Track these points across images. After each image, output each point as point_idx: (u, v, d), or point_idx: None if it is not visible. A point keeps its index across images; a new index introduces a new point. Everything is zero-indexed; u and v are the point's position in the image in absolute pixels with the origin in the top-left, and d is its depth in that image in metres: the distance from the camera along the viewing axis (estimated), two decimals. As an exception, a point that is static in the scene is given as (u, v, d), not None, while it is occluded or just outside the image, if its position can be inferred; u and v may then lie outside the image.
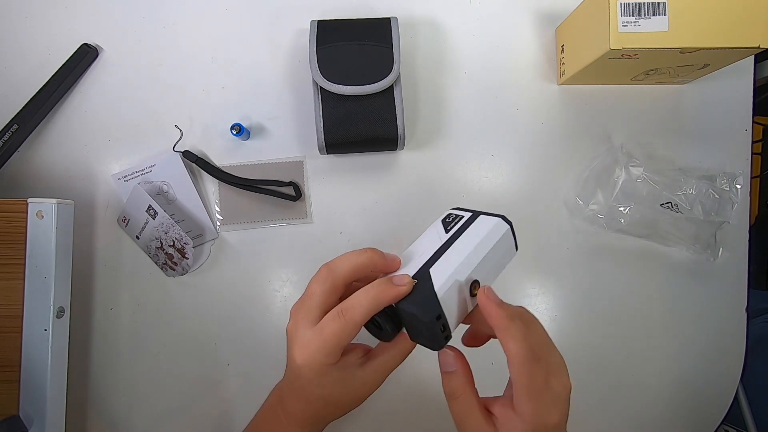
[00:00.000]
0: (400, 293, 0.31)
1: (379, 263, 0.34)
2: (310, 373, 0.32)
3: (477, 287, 0.34)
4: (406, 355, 0.36)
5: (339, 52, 0.52)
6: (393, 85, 0.52)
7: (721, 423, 0.58)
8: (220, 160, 0.57)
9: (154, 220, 0.54)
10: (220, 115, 0.57)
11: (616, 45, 0.46)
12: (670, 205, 0.55)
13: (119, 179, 0.56)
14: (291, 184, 0.57)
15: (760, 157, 0.97)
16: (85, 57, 0.56)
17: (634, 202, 0.55)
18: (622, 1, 0.46)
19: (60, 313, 0.50)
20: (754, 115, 0.59)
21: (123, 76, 0.57)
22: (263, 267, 0.57)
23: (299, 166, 0.57)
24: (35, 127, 0.55)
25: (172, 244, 0.54)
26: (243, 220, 0.57)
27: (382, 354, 0.35)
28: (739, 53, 0.48)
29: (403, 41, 0.56)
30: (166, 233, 0.54)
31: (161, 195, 0.56)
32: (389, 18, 0.54)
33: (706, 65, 0.51)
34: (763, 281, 0.94)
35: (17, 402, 0.48)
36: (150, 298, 0.57)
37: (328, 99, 0.52)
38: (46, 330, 0.49)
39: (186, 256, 0.54)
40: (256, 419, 0.41)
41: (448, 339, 0.33)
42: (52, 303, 0.49)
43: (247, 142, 0.57)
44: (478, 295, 0.33)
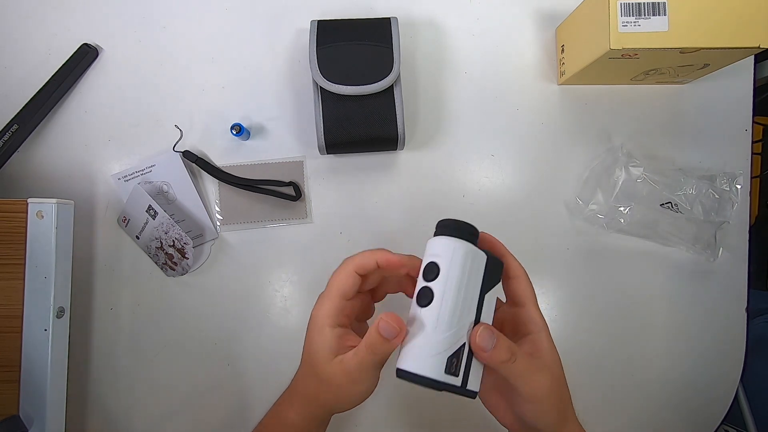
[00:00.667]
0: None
1: (394, 260, 0.37)
2: (311, 325, 0.38)
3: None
4: (377, 355, 0.35)
5: (339, 52, 0.52)
6: (393, 85, 0.52)
7: (721, 423, 0.58)
8: (220, 160, 0.57)
9: (154, 220, 0.54)
10: (220, 115, 0.57)
11: (616, 45, 0.46)
12: (670, 205, 0.55)
13: (119, 179, 0.56)
14: (291, 184, 0.57)
15: (760, 157, 0.97)
16: (85, 57, 0.56)
17: (634, 202, 0.55)
18: (622, 1, 0.46)
19: (60, 313, 0.50)
20: (754, 115, 0.59)
21: (123, 76, 0.57)
22: (263, 267, 0.57)
23: (299, 166, 0.57)
24: (35, 127, 0.55)
25: (172, 244, 0.54)
26: (243, 220, 0.57)
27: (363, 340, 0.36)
28: (739, 53, 0.48)
29: (403, 41, 0.56)
30: (166, 233, 0.54)
31: (161, 195, 0.56)
32: (389, 18, 0.54)
33: (706, 65, 0.51)
34: (763, 281, 0.94)
35: (17, 402, 0.48)
36: (150, 298, 0.57)
37: (328, 99, 0.52)
38: (46, 330, 0.49)
39: (186, 256, 0.54)
40: (275, 405, 0.42)
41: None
42: (52, 303, 0.49)
43: (247, 142, 0.57)
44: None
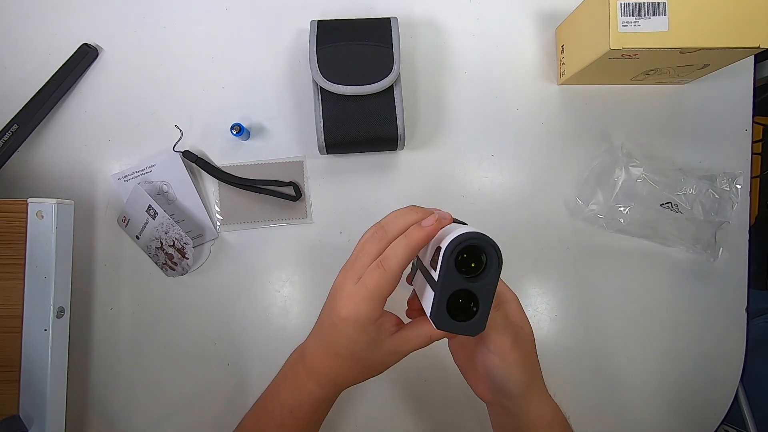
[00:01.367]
0: (429, 233, 0.33)
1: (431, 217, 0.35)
2: (350, 326, 0.34)
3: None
4: (432, 341, 0.37)
5: (339, 52, 0.52)
6: (393, 85, 0.52)
7: (721, 423, 0.58)
8: (220, 160, 0.57)
9: (154, 220, 0.54)
10: (220, 115, 0.57)
11: (616, 45, 0.46)
12: (670, 205, 0.55)
13: (119, 179, 0.56)
14: (291, 184, 0.57)
15: (760, 157, 0.97)
16: (85, 57, 0.56)
17: (634, 202, 0.55)
18: (622, 1, 0.46)
19: (60, 313, 0.50)
20: (754, 115, 0.59)
21: (123, 76, 0.57)
22: (263, 267, 0.57)
23: (299, 166, 0.57)
24: (35, 127, 0.55)
25: (172, 244, 0.54)
26: (243, 220, 0.57)
27: (411, 329, 0.37)
28: (739, 53, 0.48)
29: (403, 41, 0.56)
30: (166, 233, 0.54)
31: (161, 195, 0.56)
32: (389, 18, 0.54)
33: (706, 65, 0.51)
34: (763, 281, 0.94)
35: (17, 402, 0.48)
36: (150, 298, 0.57)
37: (328, 99, 0.52)
38: (46, 330, 0.49)
39: (186, 256, 0.54)
40: (276, 379, 0.42)
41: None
42: (52, 303, 0.49)
43: (247, 142, 0.57)
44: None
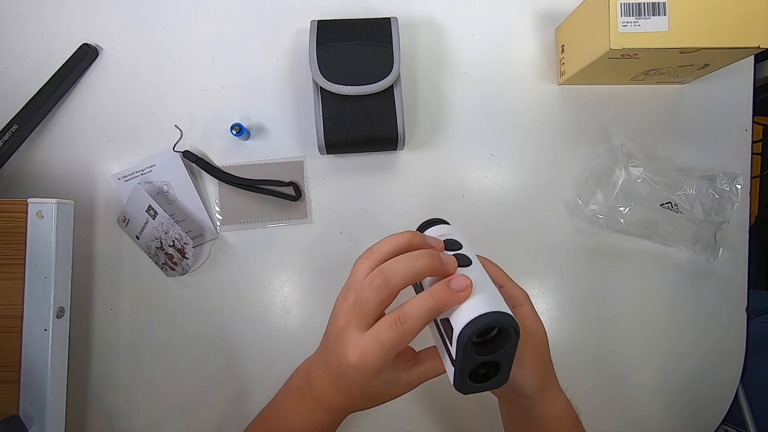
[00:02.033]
0: (461, 298, 0.31)
1: (436, 266, 0.33)
2: (362, 375, 0.32)
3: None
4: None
5: (339, 52, 0.52)
6: (393, 85, 0.52)
7: (721, 423, 0.58)
8: (220, 160, 0.57)
9: (154, 220, 0.54)
10: (220, 115, 0.57)
11: (616, 45, 0.46)
12: (670, 205, 0.55)
13: (119, 179, 0.56)
14: (291, 184, 0.57)
15: (760, 157, 0.97)
16: (85, 57, 0.56)
17: (634, 202, 0.55)
18: (622, 1, 0.46)
19: (60, 313, 0.50)
20: (754, 115, 0.59)
21: (123, 76, 0.57)
22: (263, 267, 0.57)
23: (299, 166, 0.57)
24: (35, 127, 0.55)
25: (172, 244, 0.54)
26: (243, 220, 0.57)
27: (428, 361, 0.36)
28: (739, 53, 0.48)
29: (403, 41, 0.56)
30: (166, 233, 0.54)
31: (161, 195, 0.56)
32: (389, 18, 0.54)
33: (706, 65, 0.51)
34: (763, 281, 0.94)
35: (17, 402, 0.48)
36: (150, 298, 0.57)
37: (328, 99, 0.52)
38: (46, 330, 0.49)
39: (186, 256, 0.54)
40: (279, 399, 0.41)
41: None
42: (52, 303, 0.49)
43: (247, 142, 0.57)
44: None
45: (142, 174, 0.56)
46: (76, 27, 0.57)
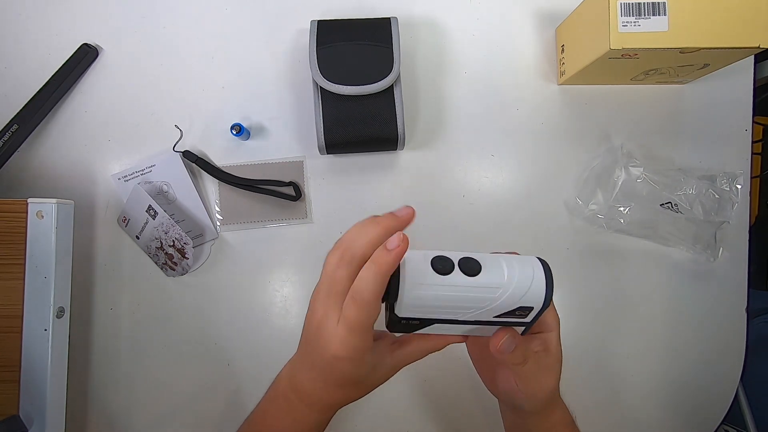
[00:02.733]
0: (398, 254, 0.31)
1: (396, 227, 0.33)
2: (348, 363, 0.33)
3: None
4: (433, 350, 0.37)
5: (339, 52, 0.52)
6: (393, 85, 0.52)
7: (721, 423, 0.58)
8: (220, 160, 0.57)
9: (154, 220, 0.54)
10: (220, 115, 0.57)
11: (616, 45, 0.46)
12: (670, 205, 0.55)
13: (119, 179, 0.56)
14: (291, 184, 0.57)
15: (760, 157, 0.97)
16: (85, 57, 0.56)
17: (634, 202, 0.55)
18: (622, 1, 0.46)
19: (60, 313, 0.50)
20: (754, 115, 0.59)
21: (123, 76, 0.57)
22: (263, 267, 0.57)
23: (299, 166, 0.57)
24: (35, 127, 0.55)
25: (172, 244, 0.54)
26: (243, 220, 0.57)
27: (410, 344, 0.37)
28: (739, 53, 0.48)
29: (403, 41, 0.56)
30: (166, 233, 0.54)
31: (161, 195, 0.56)
32: (389, 18, 0.54)
33: (706, 65, 0.51)
34: (763, 281, 0.94)
35: (17, 402, 0.48)
36: (150, 298, 0.57)
37: (328, 99, 0.52)
38: (46, 330, 0.49)
39: (186, 256, 0.54)
40: (264, 410, 0.41)
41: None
42: (52, 303, 0.49)
43: (247, 142, 0.57)
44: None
45: (142, 174, 0.56)
46: (76, 27, 0.57)
